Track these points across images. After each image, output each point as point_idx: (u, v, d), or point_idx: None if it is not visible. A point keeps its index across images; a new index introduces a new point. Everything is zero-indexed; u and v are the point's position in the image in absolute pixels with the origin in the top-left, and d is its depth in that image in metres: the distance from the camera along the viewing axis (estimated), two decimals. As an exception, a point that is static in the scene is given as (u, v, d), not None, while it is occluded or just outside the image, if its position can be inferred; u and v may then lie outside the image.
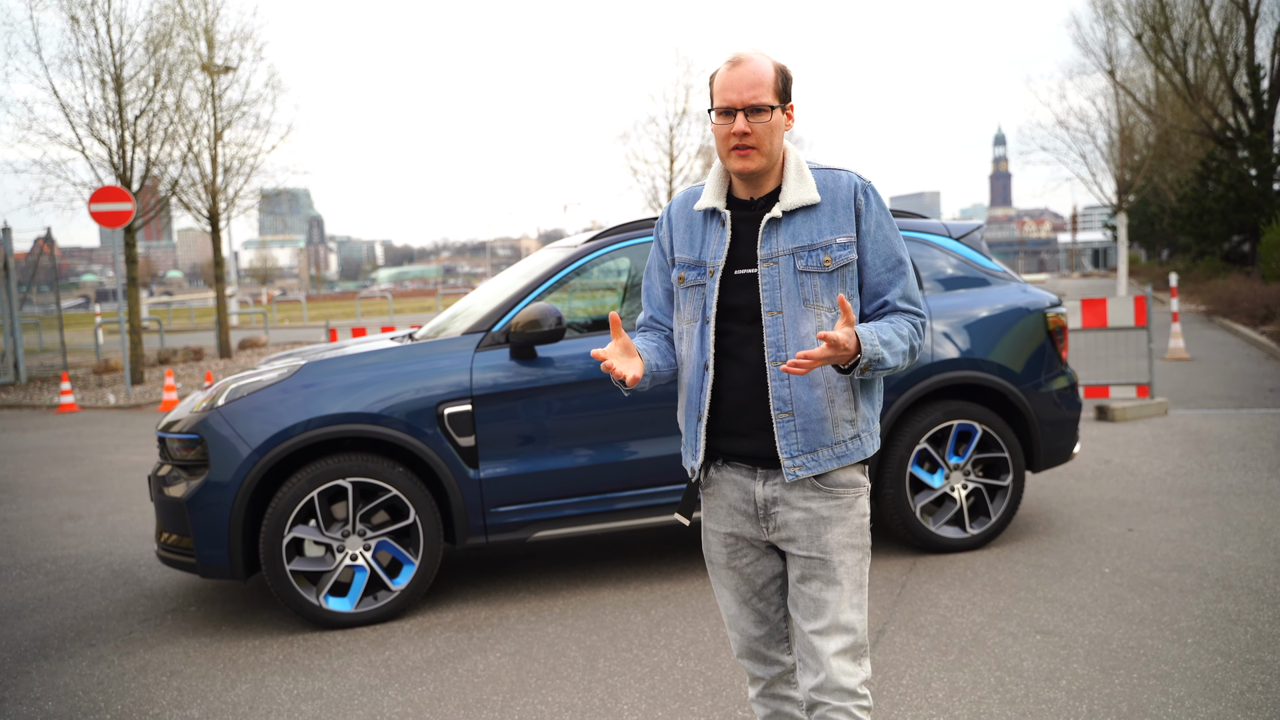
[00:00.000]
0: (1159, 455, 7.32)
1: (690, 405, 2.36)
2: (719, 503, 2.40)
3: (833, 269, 2.25)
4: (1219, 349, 14.30)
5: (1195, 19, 26.91)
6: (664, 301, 2.47)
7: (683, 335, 2.38)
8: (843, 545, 2.30)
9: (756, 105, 2.20)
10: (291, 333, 28.68)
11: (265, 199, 20.24)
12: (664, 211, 2.49)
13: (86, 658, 4.37)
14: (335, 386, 4.62)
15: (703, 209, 2.35)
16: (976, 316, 5.33)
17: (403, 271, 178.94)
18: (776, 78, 2.25)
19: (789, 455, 2.25)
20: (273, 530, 4.45)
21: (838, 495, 2.30)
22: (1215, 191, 28.25)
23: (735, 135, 2.21)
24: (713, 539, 2.45)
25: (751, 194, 2.32)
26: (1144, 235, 51.55)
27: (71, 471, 8.93)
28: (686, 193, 2.46)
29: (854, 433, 2.30)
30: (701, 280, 2.32)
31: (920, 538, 5.17)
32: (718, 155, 2.31)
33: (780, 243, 2.26)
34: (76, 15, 15.54)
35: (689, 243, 2.37)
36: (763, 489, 2.32)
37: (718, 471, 2.39)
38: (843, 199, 2.28)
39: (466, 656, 4.18)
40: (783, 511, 2.31)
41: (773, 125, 2.23)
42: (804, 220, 2.27)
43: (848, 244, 2.26)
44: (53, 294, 19.20)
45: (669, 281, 2.44)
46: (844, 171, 2.33)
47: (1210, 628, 4.04)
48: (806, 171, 2.30)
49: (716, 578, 2.47)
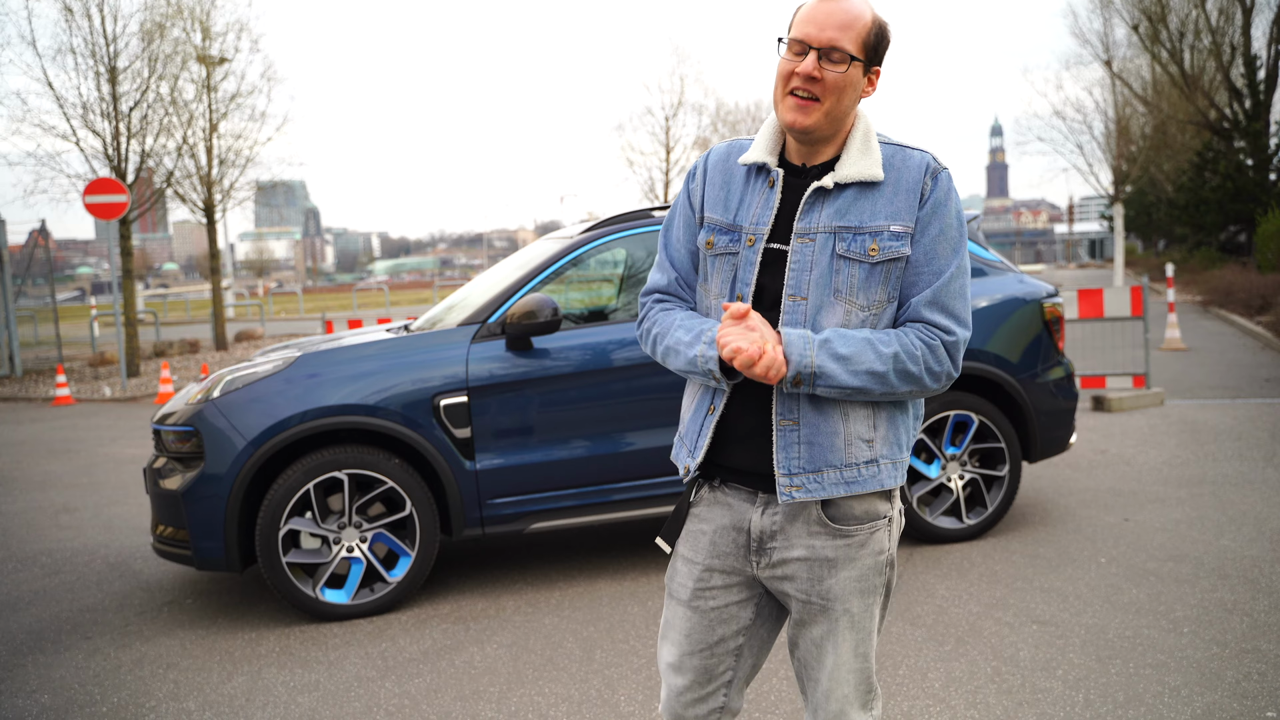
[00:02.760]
0: (1155, 445, 7.33)
1: (703, 396, 2.00)
2: (702, 528, 2.02)
3: (878, 260, 1.87)
4: (1215, 339, 14.31)
5: (1192, 9, 26.88)
6: (688, 264, 2.07)
7: (710, 313, 2.00)
8: (850, 592, 1.95)
9: (835, 48, 1.82)
10: (288, 325, 28.63)
11: (261, 191, 20.22)
12: (700, 161, 2.08)
13: (82, 650, 4.36)
14: (331, 378, 4.61)
15: (749, 163, 1.97)
16: (974, 307, 5.31)
17: (399, 263, 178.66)
18: (870, 29, 1.87)
19: (786, 472, 1.88)
20: (269, 522, 4.44)
21: (849, 533, 1.94)
22: (1212, 182, 28.27)
23: (799, 76, 1.84)
24: (682, 568, 2.06)
25: (805, 160, 1.95)
26: (1140, 226, 51.57)
27: (67, 464, 8.91)
28: (730, 143, 2.06)
29: (870, 456, 1.90)
30: (735, 248, 1.95)
31: (917, 528, 5.17)
32: (773, 103, 1.93)
33: (823, 218, 1.89)
34: (71, 5, 15.48)
35: (723, 201, 1.99)
36: (760, 518, 1.96)
37: (711, 492, 2.02)
38: (909, 181, 1.89)
39: (463, 648, 4.18)
40: (781, 547, 1.95)
41: (847, 80, 1.85)
42: (858, 197, 1.89)
43: (902, 234, 1.87)
44: (48, 286, 19.14)
45: (695, 242, 2.05)
46: (916, 150, 1.94)
47: (1206, 617, 4.05)
48: (875, 144, 1.93)
49: (671, 614, 2.08)
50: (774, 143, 1.97)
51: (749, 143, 2.02)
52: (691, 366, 1.93)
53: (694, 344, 1.92)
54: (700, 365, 1.90)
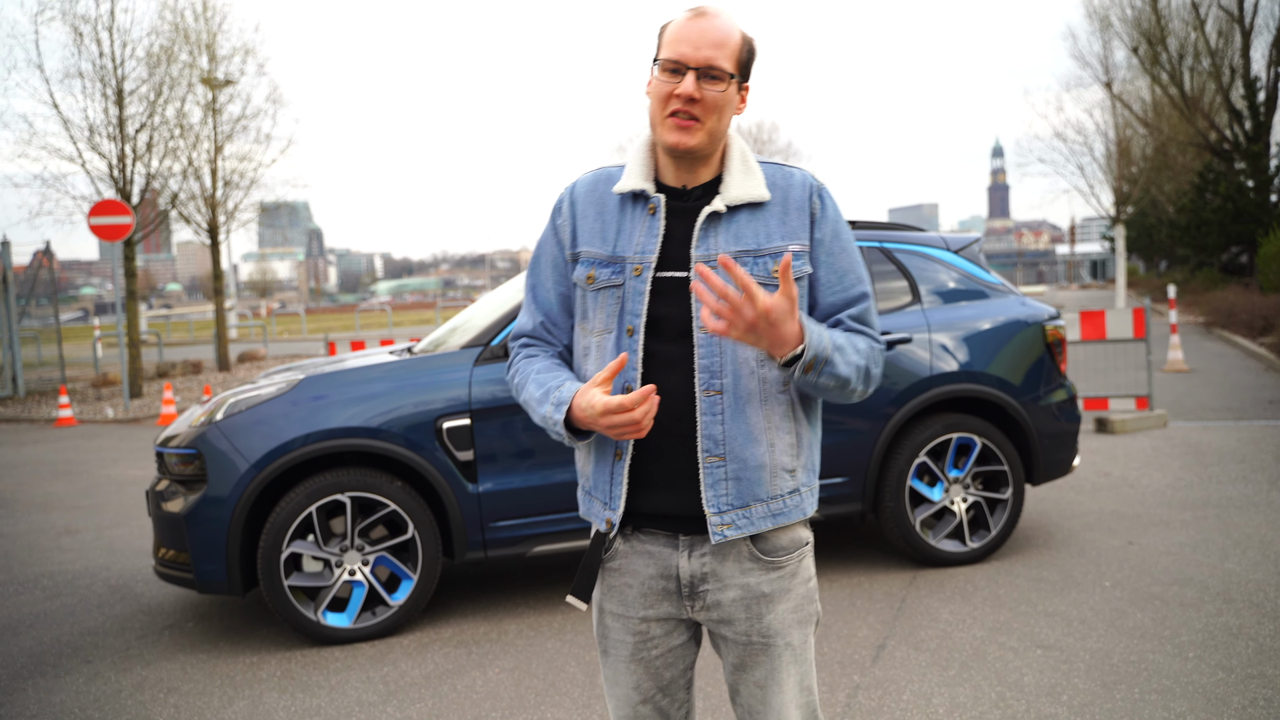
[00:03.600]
0: (1159, 468, 7.31)
1: (604, 441, 1.88)
2: (627, 581, 1.92)
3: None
4: (1218, 361, 14.30)
5: (1191, 31, 27.06)
6: (556, 306, 1.98)
7: (589, 351, 1.91)
8: (788, 624, 1.91)
9: (713, 68, 1.79)
10: (290, 345, 28.67)
11: (265, 212, 20.27)
12: (564, 194, 1.99)
13: (83, 674, 4.34)
14: (334, 401, 4.62)
15: (624, 192, 1.90)
16: (975, 329, 5.33)
17: (402, 284, 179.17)
18: (742, 47, 1.85)
19: (716, 510, 1.82)
20: (271, 545, 4.43)
21: (780, 564, 1.90)
22: (1213, 203, 28.34)
23: (679, 98, 1.79)
24: (615, 626, 1.95)
25: (685, 181, 1.90)
26: (1142, 247, 51.66)
27: (69, 486, 8.90)
28: (596, 174, 1.98)
29: (794, 486, 1.89)
30: (619, 280, 1.86)
31: (920, 551, 5.15)
32: (650, 124, 1.89)
33: (721, 243, 1.84)
34: (80, 29, 15.60)
35: (600, 233, 1.91)
36: (688, 562, 1.88)
37: (625, 542, 1.92)
38: (796, 200, 1.88)
39: (465, 672, 4.16)
40: (714, 590, 1.88)
41: (725, 99, 1.82)
42: (749, 220, 1.86)
43: (801, 253, 1.86)
44: (51, 307, 19.20)
45: (565, 283, 1.97)
46: (795, 169, 1.94)
47: (1211, 642, 4.03)
48: (754, 163, 1.90)
49: (612, 672, 1.98)
50: (647, 167, 1.91)
51: (616, 170, 1.96)
52: (543, 424, 1.87)
53: (543, 402, 1.86)
54: (551, 426, 1.85)
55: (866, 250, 5.35)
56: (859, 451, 5.06)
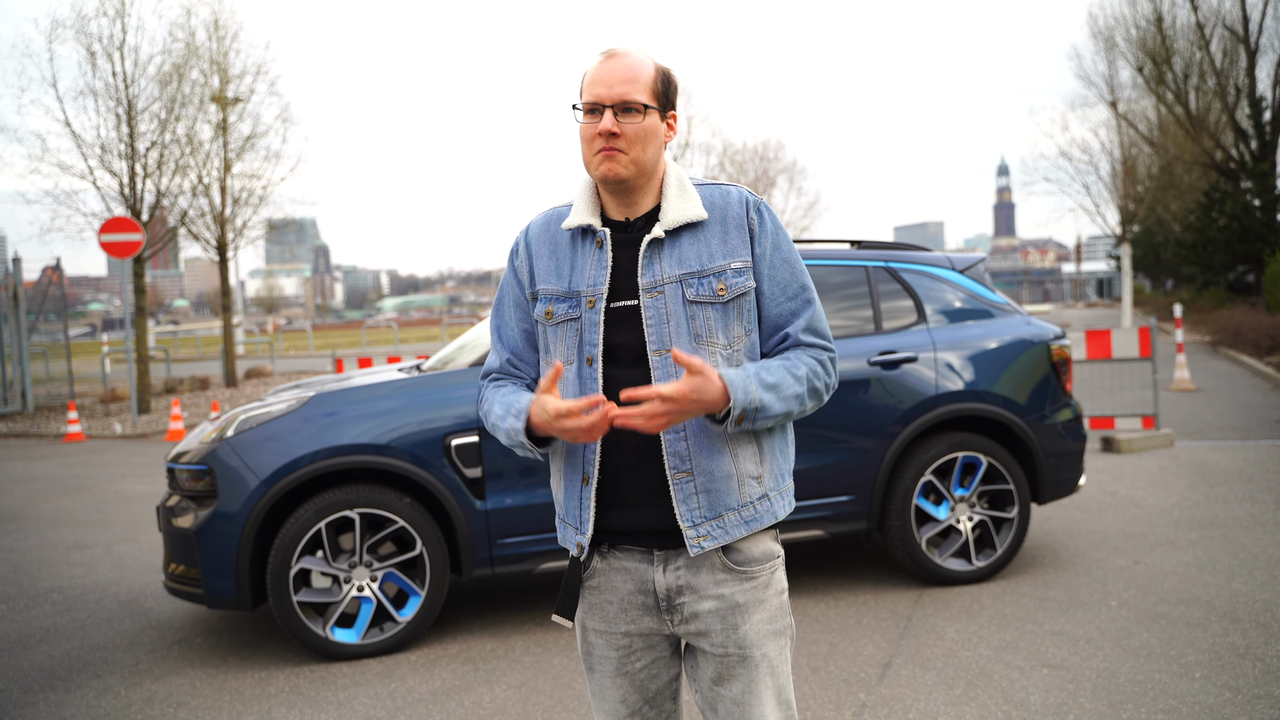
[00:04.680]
0: (1165, 487, 7.31)
1: (571, 467, 1.97)
2: (607, 598, 1.99)
3: (728, 299, 1.93)
4: (1224, 380, 14.29)
5: (1196, 51, 27.14)
6: (521, 343, 2.07)
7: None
8: (764, 635, 1.96)
9: (627, 103, 1.89)
10: (297, 362, 28.75)
11: (272, 229, 20.37)
12: (519, 237, 2.09)
13: (93, 689, 4.37)
14: (343, 418, 4.65)
15: (572, 228, 1.99)
16: (981, 349, 5.35)
17: (408, 301, 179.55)
18: (656, 78, 1.94)
19: (691, 523, 1.89)
20: (280, 561, 4.46)
21: (753, 575, 1.96)
22: (1219, 222, 28.36)
23: (601, 135, 1.89)
24: (599, 642, 2.02)
25: (627, 214, 1.98)
26: (1148, 265, 51.65)
27: (78, 501, 8.94)
28: (547, 214, 2.08)
29: (762, 492, 1.95)
30: (576, 313, 1.95)
31: (926, 570, 5.16)
32: (584, 167, 1.99)
33: (665, 268, 1.93)
34: (93, 49, 15.75)
35: (555, 270, 2.00)
36: (664, 576, 1.94)
37: (602, 560, 1.98)
38: (734, 217, 1.96)
39: (473, 689, 4.18)
40: (691, 602, 1.94)
41: (646, 129, 1.91)
42: (691, 242, 1.94)
43: (743, 269, 1.94)
44: (59, 323, 19.28)
45: (528, 320, 2.06)
46: (732, 187, 2.01)
47: (1218, 662, 4.03)
48: (690, 186, 1.99)
49: (599, 687, 2.05)
50: (593, 204, 2.00)
51: (565, 209, 2.05)
52: (509, 440, 1.95)
53: (505, 418, 1.94)
54: (513, 439, 1.93)
55: (873, 270, 5.38)
56: (865, 470, 5.08)
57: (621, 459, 1.92)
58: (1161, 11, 27.19)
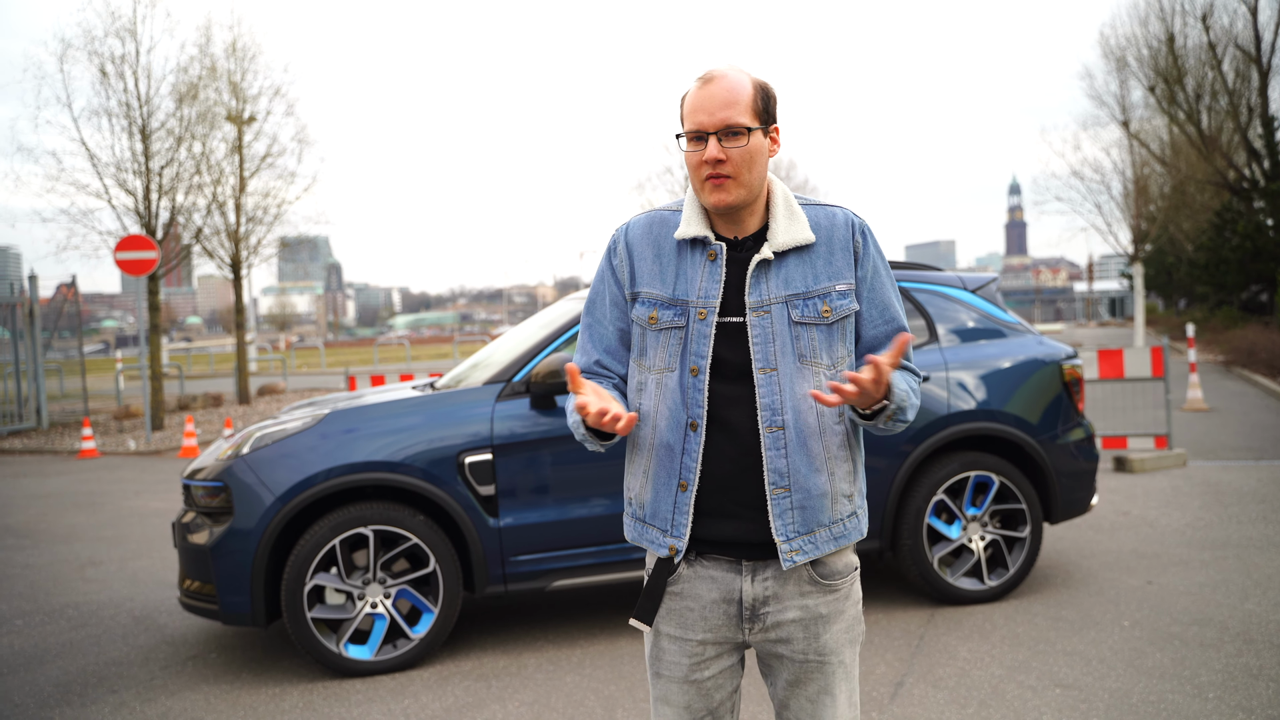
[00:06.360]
0: (1178, 507, 7.29)
1: (666, 471, 1.98)
2: (689, 604, 2.01)
3: (833, 320, 1.96)
4: (1238, 400, 14.23)
5: (1208, 71, 27.11)
6: (615, 342, 2.08)
7: (646, 386, 2.01)
8: (842, 643, 2.03)
9: (731, 127, 1.90)
10: (309, 379, 28.86)
11: (286, 247, 20.49)
12: (616, 237, 2.09)
13: (109, 704, 4.40)
14: (358, 435, 4.69)
15: (685, 238, 1.99)
16: (993, 368, 5.36)
17: (420, 318, 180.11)
18: (756, 95, 1.94)
19: (786, 538, 1.94)
20: (294, 577, 4.49)
21: (835, 586, 2.01)
22: (1232, 241, 28.26)
23: (708, 163, 1.91)
24: (672, 649, 2.03)
25: (735, 233, 2.00)
26: (1161, 284, 51.49)
27: (92, 517, 8.99)
28: (649, 216, 2.07)
29: (852, 510, 2.01)
30: (682, 322, 1.97)
31: (938, 589, 5.16)
32: (694, 192, 2.01)
33: (772, 289, 1.95)
34: (106, 69, 15.92)
35: (659, 275, 2.01)
36: (752, 586, 1.98)
37: (689, 567, 2.00)
38: (840, 239, 1.99)
39: (485, 706, 4.19)
40: (775, 612, 1.99)
41: (752, 150, 1.92)
42: (797, 263, 1.97)
43: (847, 292, 1.98)
44: (74, 339, 19.42)
45: (624, 319, 2.07)
46: (839, 209, 2.04)
47: (1231, 682, 4.02)
48: (797, 207, 2.00)
49: (663, 693, 2.06)
50: (704, 217, 2.01)
51: (670, 215, 2.06)
52: (574, 432, 1.99)
53: (572, 413, 1.97)
54: (575, 430, 1.97)
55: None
56: (877, 489, 5.09)
57: (721, 470, 1.95)
58: (1173, 31, 27.21)
